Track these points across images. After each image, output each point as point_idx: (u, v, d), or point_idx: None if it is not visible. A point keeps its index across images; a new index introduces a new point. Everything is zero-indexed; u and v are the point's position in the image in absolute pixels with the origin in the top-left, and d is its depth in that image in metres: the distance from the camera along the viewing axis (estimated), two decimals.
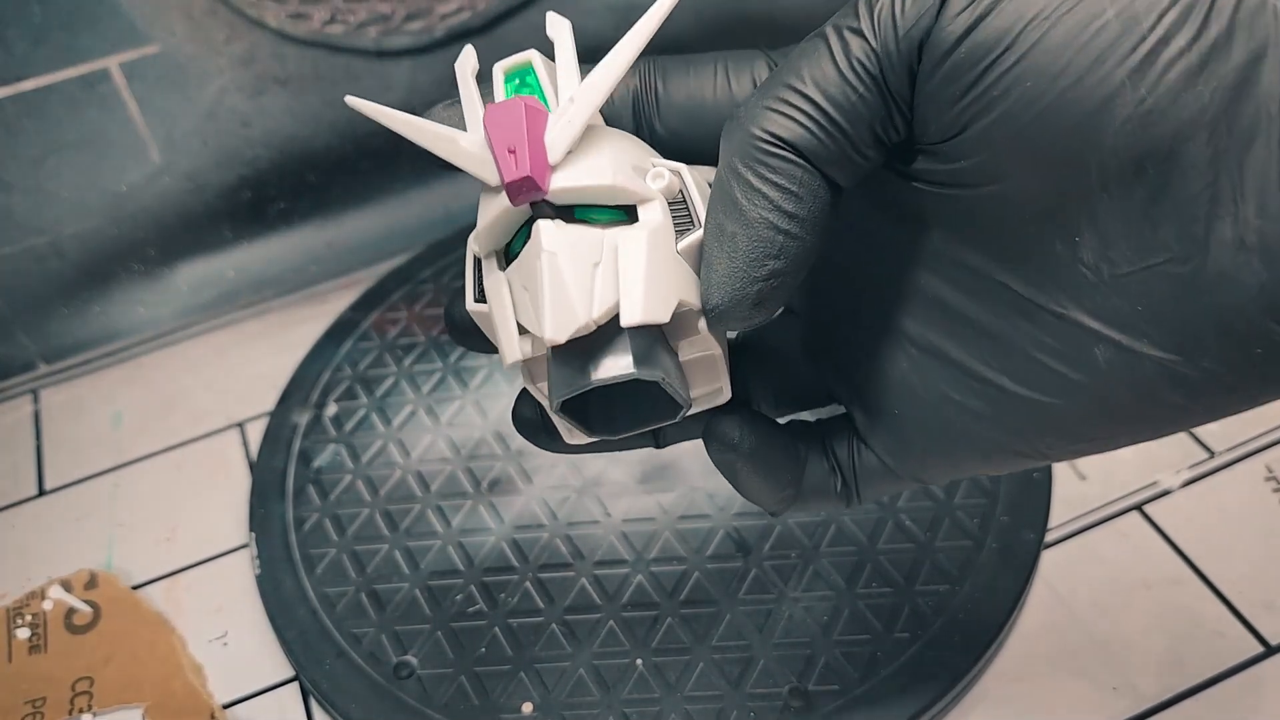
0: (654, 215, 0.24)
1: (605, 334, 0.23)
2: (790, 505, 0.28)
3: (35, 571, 0.46)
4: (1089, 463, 0.45)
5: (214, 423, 0.52)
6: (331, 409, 0.50)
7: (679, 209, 0.24)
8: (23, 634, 0.43)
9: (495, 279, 0.25)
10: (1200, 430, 0.46)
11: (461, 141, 0.24)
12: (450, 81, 0.56)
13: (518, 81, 0.26)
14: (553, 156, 0.23)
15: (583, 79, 0.24)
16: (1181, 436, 0.46)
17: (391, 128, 0.25)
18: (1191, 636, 0.39)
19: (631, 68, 0.25)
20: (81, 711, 0.40)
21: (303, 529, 0.45)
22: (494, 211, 0.24)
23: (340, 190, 0.56)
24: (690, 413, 0.26)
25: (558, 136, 0.23)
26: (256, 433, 0.50)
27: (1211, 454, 0.45)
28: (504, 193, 0.23)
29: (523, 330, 0.24)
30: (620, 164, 0.24)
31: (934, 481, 0.27)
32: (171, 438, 0.51)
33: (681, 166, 0.25)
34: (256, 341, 0.56)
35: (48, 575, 0.45)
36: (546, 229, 0.23)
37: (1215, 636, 0.39)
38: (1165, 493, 0.44)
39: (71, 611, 0.44)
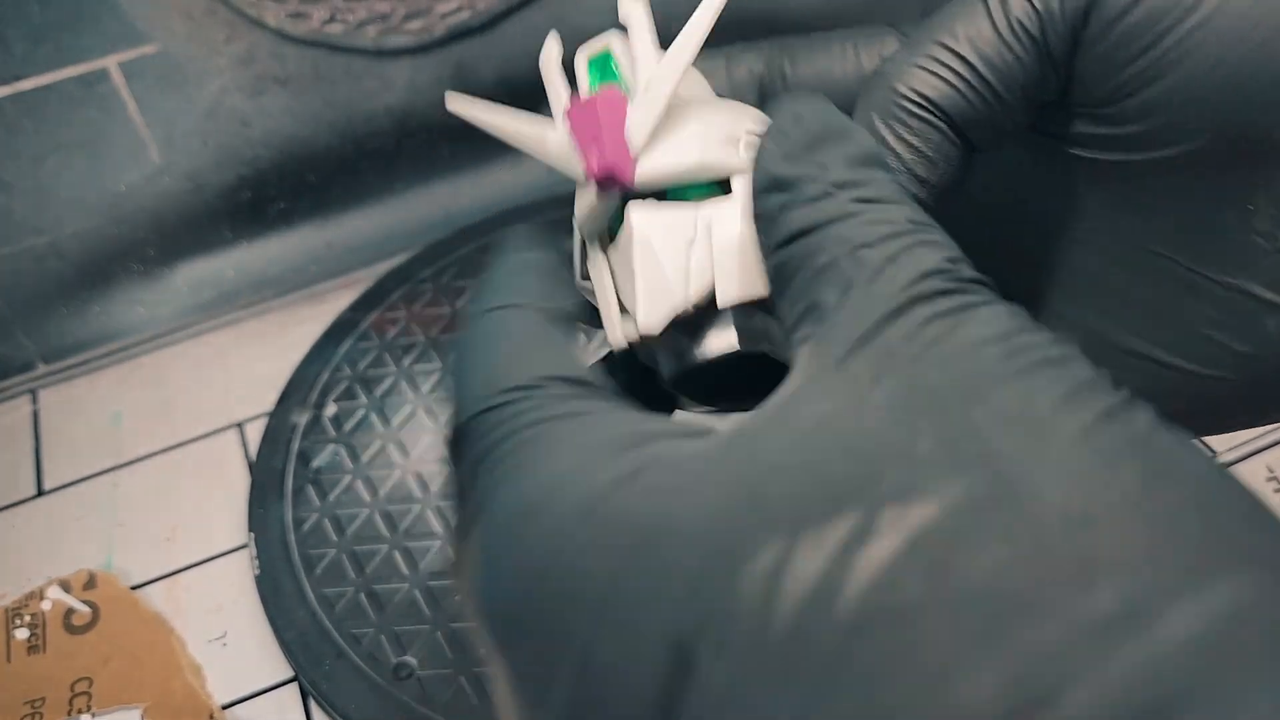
0: (748, 187, 0.23)
1: (708, 309, 0.22)
2: None
3: (34, 572, 0.46)
4: None
5: (213, 423, 0.52)
6: (331, 409, 0.50)
7: None
8: (22, 634, 0.43)
9: (597, 262, 0.24)
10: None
11: (549, 141, 0.24)
12: (449, 80, 0.55)
13: (600, 68, 0.26)
14: (635, 145, 0.23)
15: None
16: None
17: (485, 129, 0.25)
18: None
19: (756, 51, 0.24)
20: (80, 712, 0.40)
21: (302, 529, 0.45)
22: (587, 203, 0.24)
23: (340, 190, 0.56)
24: None
25: (637, 123, 0.23)
26: (256, 433, 0.50)
27: (1212, 454, 0.45)
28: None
29: (625, 310, 0.23)
30: (708, 139, 0.23)
31: None
32: (171, 438, 0.51)
33: None
34: (256, 341, 0.56)
35: (47, 575, 0.45)
36: (637, 213, 0.23)
37: None
38: None
39: (70, 612, 0.43)
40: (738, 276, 0.22)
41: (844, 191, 0.19)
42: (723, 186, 0.23)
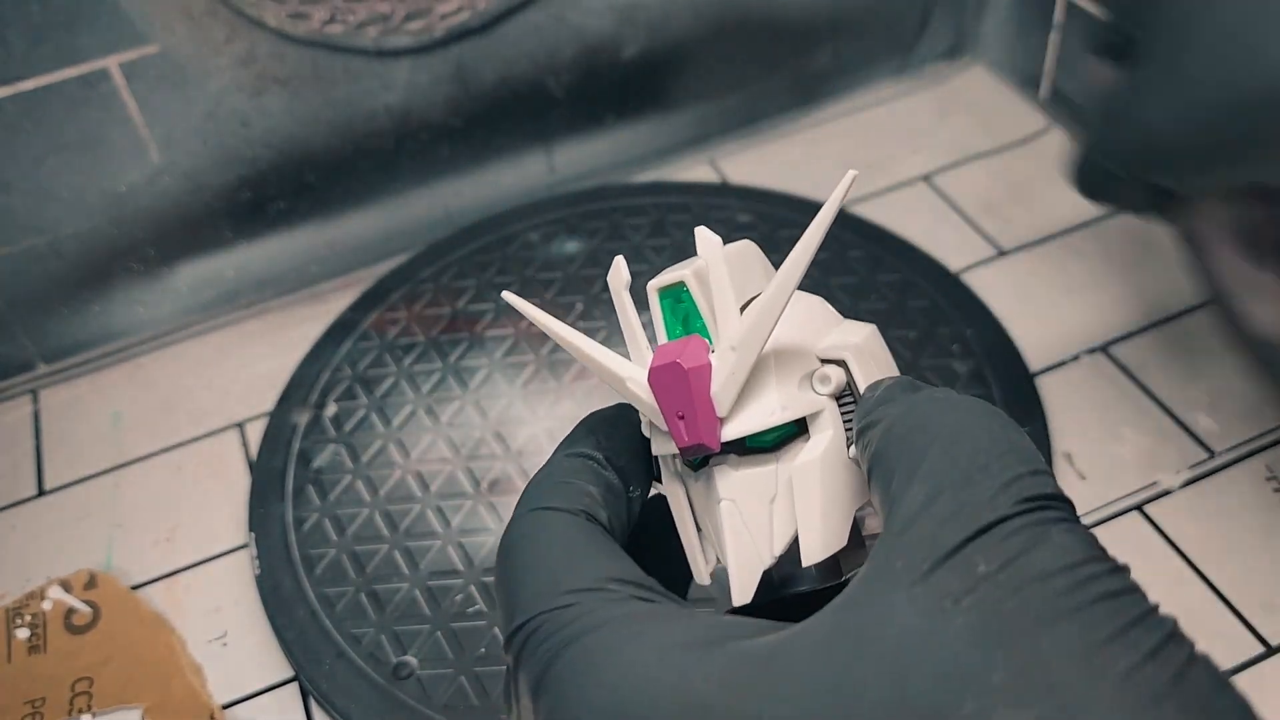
0: (823, 431, 0.24)
1: (791, 551, 0.24)
2: None
3: (35, 572, 0.46)
4: (1089, 463, 0.45)
5: (213, 423, 0.52)
6: (331, 409, 0.50)
7: (846, 402, 0.25)
8: (22, 634, 0.43)
9: (674, 491, 0.26)
10: (1200, 430, 0.46)
11: (630, 384, 0.25)
12: (449, 80, 0.55)
13: (673, 300, 0.26)
14: (721, 410, 0.23)
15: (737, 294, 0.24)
16: (1182, 436, 0.45)
17: (550, 332, 0.26)
18: (1192, 637, 0.39)
19: None
20: (81, 712, 0.40)
21: (302, 529, 0.45)
22: (669, 450, 0.25)
23: (340, 190, 0.56)
24: None
25: (723, 391, 0.23)
26: (256, 433, 0.50)
27: (1211, 454, 0.45)
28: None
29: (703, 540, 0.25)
30: (787, 391, 0.24)
31: None
32: (171, 438, 0.51)
33: (847, 350, 0.24)
34: (256, 341, 0.56)
35: (47, 575, 0.45)
36: (722, 477, 0.24)
37: (1216, 637, 0.39)
38: (1165, 493, 0.44)
39: (71, 612, 0.43)
40: (820, 539, 0.23)
41: (940, 398, 0.21)
42: (798, 426, 0.24)
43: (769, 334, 0.23)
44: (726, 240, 0.25)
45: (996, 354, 0.49)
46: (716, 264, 0.24)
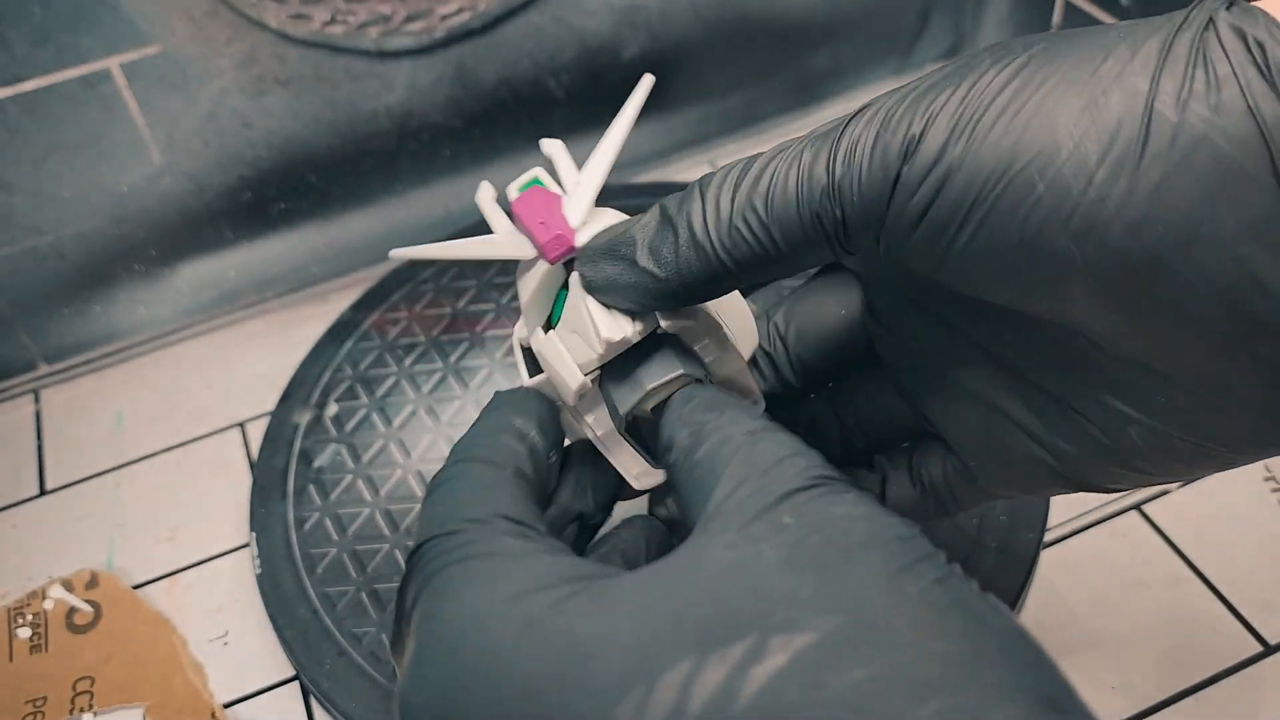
0: None
1: (646, 350, 0.28)
2: None
3: (36, 571, 0.46)
4: None
5: (215, 422, 0.52)
6: (332, 409, 0.50)
7: None
8: (24, 633, 0.43)
9: (546, 340, 0.29)
10: None
11: (497, 236, 0.31)
12: (450, 80, 0.55)
13: (530, 187, 0.31)
14: (573, 222, 0.29)
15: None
16: None
17: (437, 258, 0.31)
18: (1190, 636, 0.39)
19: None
20: (82, 711, 0.40)
21: (303, 529, 0.45)
22: (535, 279, 0.29)
23: (341, 190, 0.56)
24: None
25: (573, 207, 0.29)
26: (257, 432, 0.51)
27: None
28: (540, 261, 0.29)
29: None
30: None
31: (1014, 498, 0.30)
32: (172, 437, 0.51)
33: None
34: (257, 341, 0.56)
35: (49, 575, 0.45)
36: (579, 272, 0.28)
37: (1214, 636, 0.39)
38: (1165, 492, 0.44)
39: (72, 611, 0.44)
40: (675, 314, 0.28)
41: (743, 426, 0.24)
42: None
43: (602, 176, 0.30)
44: None
45: None
46: (558, 149, 0.31)
